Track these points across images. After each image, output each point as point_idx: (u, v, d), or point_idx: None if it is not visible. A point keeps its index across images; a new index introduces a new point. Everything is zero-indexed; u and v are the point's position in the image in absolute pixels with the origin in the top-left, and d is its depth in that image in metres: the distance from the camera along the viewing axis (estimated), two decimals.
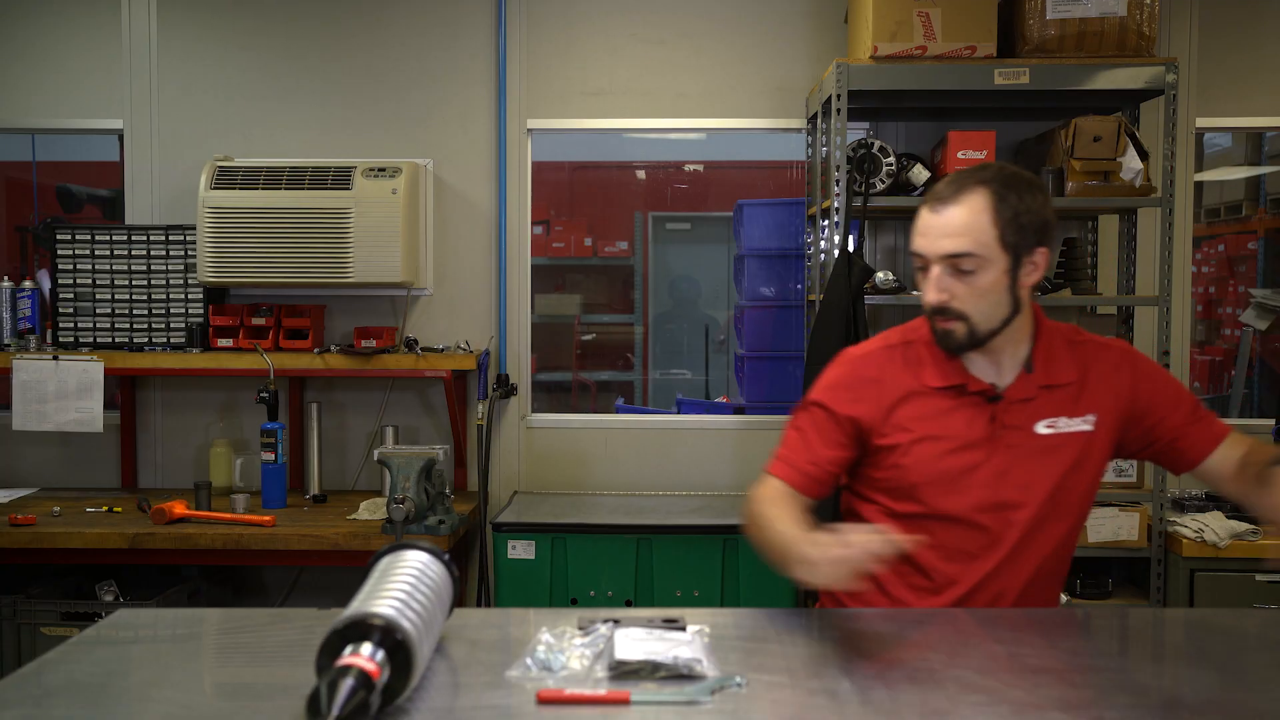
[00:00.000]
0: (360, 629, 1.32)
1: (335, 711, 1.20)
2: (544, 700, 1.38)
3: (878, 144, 3.50)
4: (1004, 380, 1.91)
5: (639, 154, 6.55)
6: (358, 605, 1.39)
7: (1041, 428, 1.88)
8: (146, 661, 1.59)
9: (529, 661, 1.50)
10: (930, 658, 1.63)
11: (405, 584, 1.46)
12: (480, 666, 1.55)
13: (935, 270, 1.81)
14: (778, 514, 1.82)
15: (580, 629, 1.61)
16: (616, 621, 1.63)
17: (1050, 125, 3.67)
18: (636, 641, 1.53)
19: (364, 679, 1.24)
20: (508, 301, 4.08)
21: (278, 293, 4.02)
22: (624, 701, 1.38)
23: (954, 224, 1.79)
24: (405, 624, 1.34)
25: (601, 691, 1.40)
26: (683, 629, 1.62)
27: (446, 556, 1.62)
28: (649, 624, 1.63)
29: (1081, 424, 1.89)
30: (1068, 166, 3.43)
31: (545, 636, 1.55)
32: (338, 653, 1.30)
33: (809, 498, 1.92)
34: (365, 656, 1.28)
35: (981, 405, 1.89)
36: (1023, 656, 1.60)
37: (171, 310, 3.89)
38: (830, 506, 2.14)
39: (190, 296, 3.89)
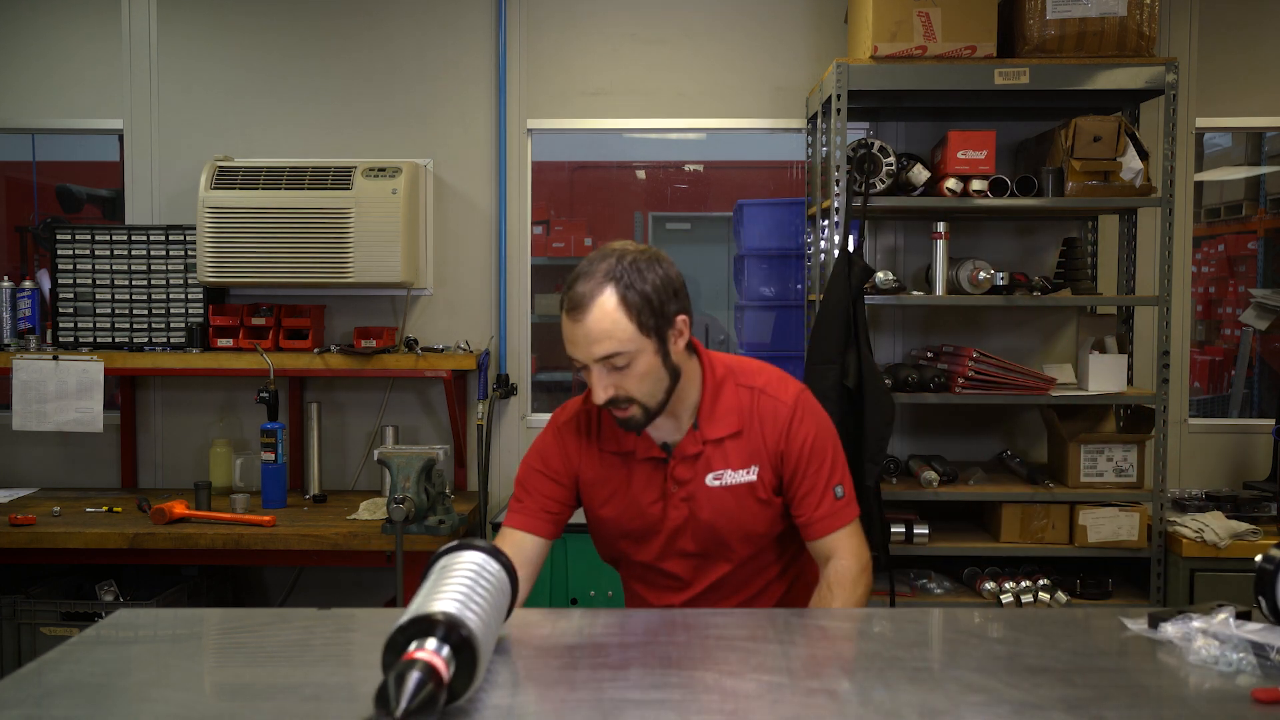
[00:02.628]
0: (424, 626, 1.32)
1: (404, 704, 1.19)
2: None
3: (878, 144, 3.49)
4: (676, 436, 2.02)
5: (639, 154, 6.54)
6: (419, 603, 1.39)
7: (710, 480, 1.99)
8: (146, 661, 1.59)
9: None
10: (930, 658, 1.63)
11: (465, 583, 1.46)
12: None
13: (595, 370, 1.88)
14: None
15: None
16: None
17: (1050, 125, 3.67)
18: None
19: (430, 672, 1.24)
20: (508, 301, 4.08)
21: (278, 293, 4.02)
22: None
23: (594, 331, 1.85)
24: (469, 620, 1.35)
25: None
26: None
27: (505, 556, 1.62)
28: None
29: (745, 475, 2.00)
30: (1068, 166, 3.43)
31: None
32: (403, 650, 1.31)
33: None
34: (431, 650, 1.29)
35: (656, 465, 2.02)
36: (1023, 656, 1.60)
37: (171, 310, 3.89)
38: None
39: (190, 296, 3.89)
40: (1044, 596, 3.48)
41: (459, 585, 1.45)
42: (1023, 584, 3.49)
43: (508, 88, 4.06)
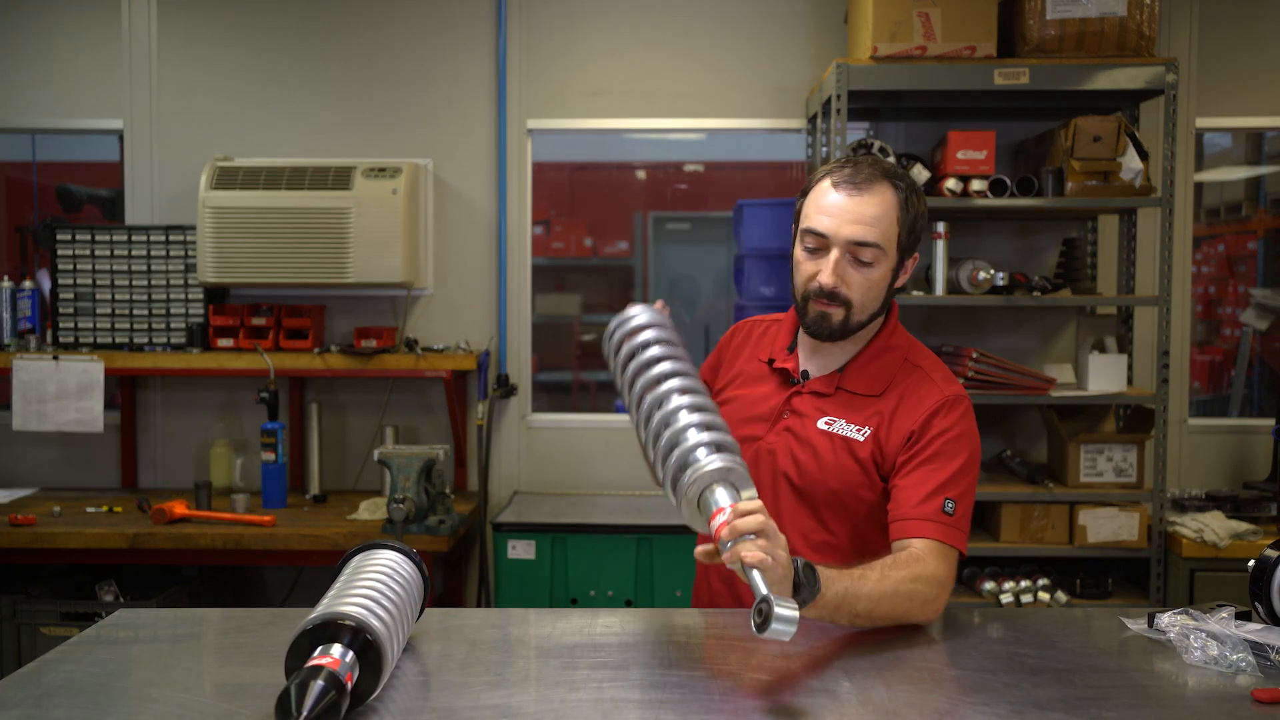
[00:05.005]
0: (330, 629, 1.32)
1: (305, 712, 1.20)
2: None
3: (878, 144, 3.49)
4: (819, 370, 1.94)
5: (639, 154, 6.54)
6: (327, 605, 1.39)
7: (822, 424, 1.89)
8: (146, 661, 1.59)
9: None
10: (930, 658, 1.63)
11: (374, 583, 1.46)
12: (480, 666, 1.55)
13: (836, 253, 1.81)
14: None
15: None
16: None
17: (1050, 125, 3.67)
18: None
19: (334, 680, 1.24)
20: (508, 301, 4.08)
21: (278, 293, 4.02)
22: None
23: (868, 214, 1.80)
24: (375, 624, 1.34)
25: None
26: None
27: (415, 554, 1.62)
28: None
29: (855, 431, 1.87)
30: (1068, 166, 3.43)
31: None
32: (307, 654, 1.30)
33: None
34: (335, 657, 1.28)
35: (784, 386, 1.95)
36: (1023, 656, 1.60)
37: (171, 310, 3.90)
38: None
39: (190, 296, 3.89)
40: (1044, 596, 3.48)
41: (367, 586, 1.45)
42: (1022, 584, 3.49)
43: (508, 88, 4.06)
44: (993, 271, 3.54)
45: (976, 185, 3.45)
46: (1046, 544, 3.54)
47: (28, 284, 3.96)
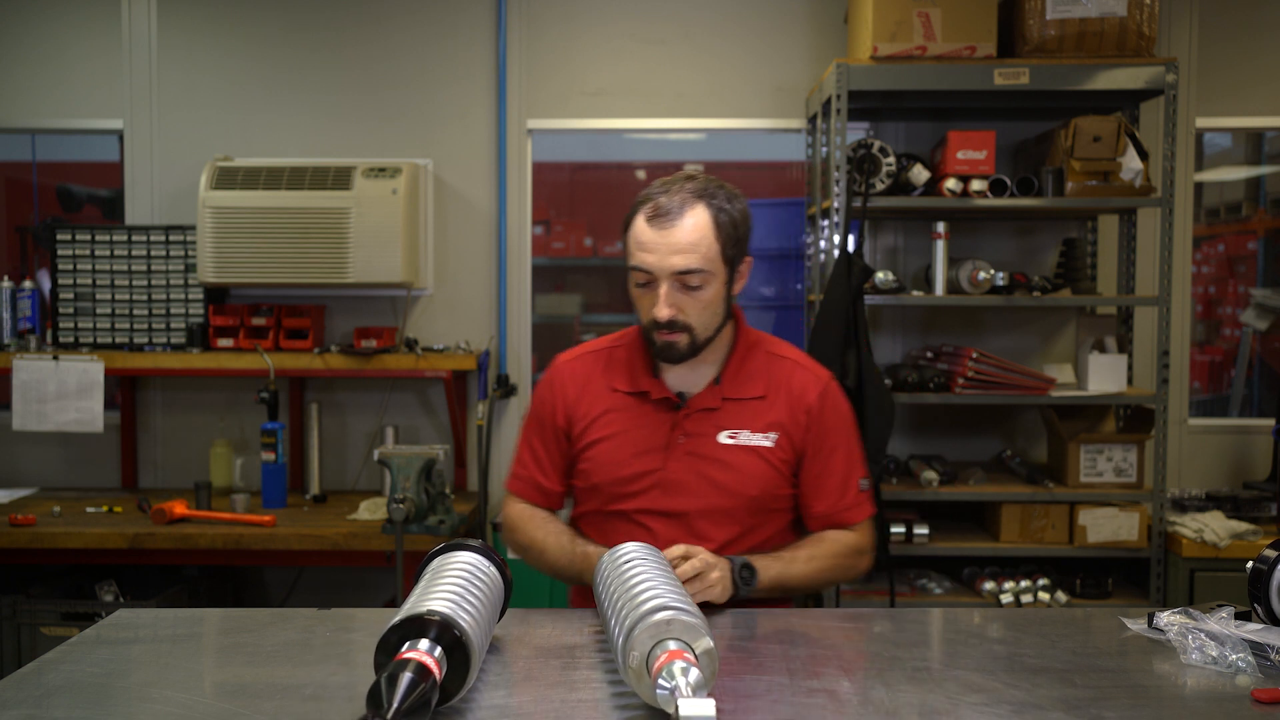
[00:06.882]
0: (417, 626, 1.32)
1: (396, 704, 1.19)
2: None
3: (878, 144, 3.49)
4: (694, 388, 1.96)
5: (639, 154, 6.54)
6: (412, 603, 1.39)
7: (723, 438, 1.93)
8: (146, 661, 1.59)
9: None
10: (930, 658, 1.63)
11: (458, 582, 1.46)
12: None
13: (666, 286, 1.84)
14: (543, 534, 1.99)
15: None
16: None
17: (1050, 125, 3.67)
18: None
19: (423, 673, 1.24)
20: (508, 301, 4.08)
21: (278, 293, 4.02)
22: None
23: (683, 242, 1.83)
24: (462, 621, 1.35)
25: None
26: None
27: (497, 556, 1.63)
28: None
29: (762, 439, 1.93)
30: (1067, 166, 3.43)
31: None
32: (395, 650, 1.30)
33: (556, 510, 2.06)
34: (423, 651, 1.28)
35: (665, 412, 1.95)
36: (1023, 656, 1.60)
37: (171, 310, 3.89)
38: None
39: (190, 296, 3.89)
40: (1044, 596, 3.48)
41: (452, 585, 1.45)
42: (1022, 584, 3.50)
43: (508, 88, 4.06)
44: (993, 271, 3.54)
45: (976, 185, 3.45)
46: (1046, 544, 3.54)
47: (28, 284, 3.96)
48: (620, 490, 1.96)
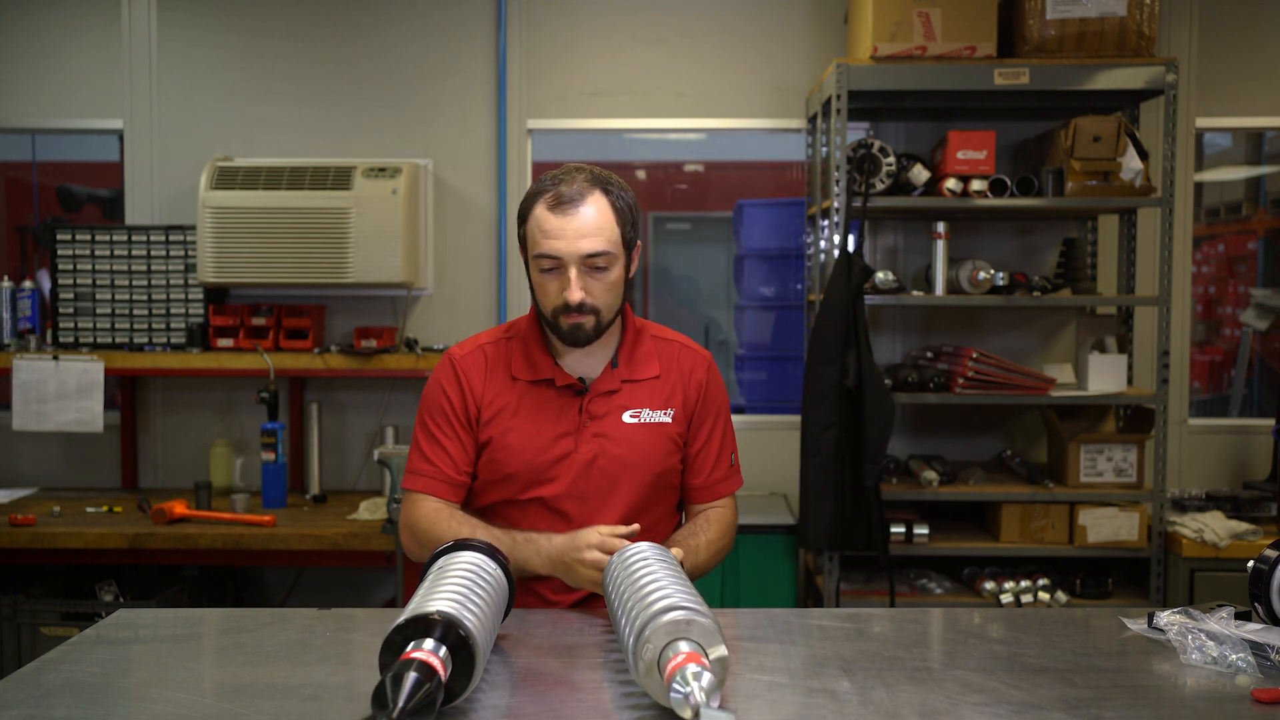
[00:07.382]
0: (422, 625, 1.32)
1: (401, 704, 1.19)
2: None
3: (878, 144, 3.49)
4: (593, 373, 2.03)
5: (639, 154, 6.53)
6: (417, 603, 1.39)
7: (627, 417, 2.01)
8: (146, 661, 1.60)
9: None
10: (930, 658, 1.63)
11: (463, 582, 1.46)
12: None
13: (575, 269, 1.91)
14: (468, 529, 1.93)
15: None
16: None
17: (1050, 125, 3.67)
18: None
19: (428, 672, 1.24)
20: (508, 301, 4.08)
21: (278, 293, 4.02)
22: None
23: (588, 227, 1.91)
24: (467, 621, 1.34)
25: None
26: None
27: (501, 555, 1.63)
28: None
29: (662, 415, 2.03)
30: (1067, 166, 3.43)
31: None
32: (400, 650, 1.30)
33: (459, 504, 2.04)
34: (428, 650, 1.28)
35: (570, 397, 2.01)
36: (1023, 656, 1.60)
37: (171, 310, 3.89)
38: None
39: (190, 296, 3.89)
40: (1044, 596, 3.48)
41: (456, 585, 1.45)
42: (1022, 584, 3.49)
43: (508, 88, 4.06)
44: (993, 271, 3.54)
45: (976, 185, 3.45)
46: (1046, 544, 3.54)
47: (28, 284, 3.96)
48: (538, 476, 1.98)
